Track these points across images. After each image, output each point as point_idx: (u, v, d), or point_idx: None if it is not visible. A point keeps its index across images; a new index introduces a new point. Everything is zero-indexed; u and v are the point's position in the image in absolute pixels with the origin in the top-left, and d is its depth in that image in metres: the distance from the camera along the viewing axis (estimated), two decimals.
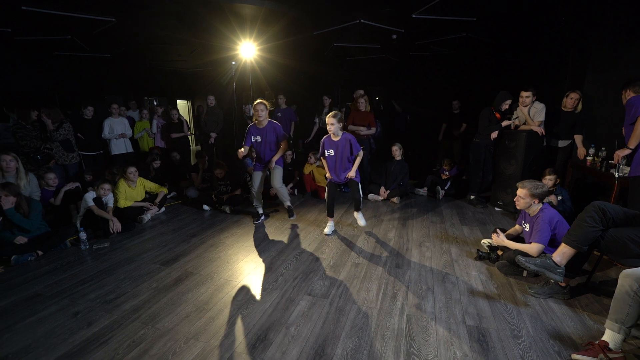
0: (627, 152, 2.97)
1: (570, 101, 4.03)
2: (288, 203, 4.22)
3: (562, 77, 4.76)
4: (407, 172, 5.11)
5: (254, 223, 4.08)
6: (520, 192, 2.69)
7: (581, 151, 4.05)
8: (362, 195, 3.71)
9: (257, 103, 3.71)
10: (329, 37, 5.69)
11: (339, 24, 5.02)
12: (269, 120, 3.82)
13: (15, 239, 3.15)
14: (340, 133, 3.56)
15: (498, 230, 2.93)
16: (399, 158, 5.15)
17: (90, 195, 3.76)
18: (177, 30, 5.17)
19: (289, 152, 5.61)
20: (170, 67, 8.81)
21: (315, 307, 2.33)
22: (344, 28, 5.14)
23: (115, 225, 3.76)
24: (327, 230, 3.76)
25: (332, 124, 3.47)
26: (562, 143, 4.24)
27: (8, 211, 3.13)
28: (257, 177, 3.96)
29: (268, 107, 3.78)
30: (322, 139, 3.68)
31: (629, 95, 3.00)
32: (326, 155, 3.63)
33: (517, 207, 2.77)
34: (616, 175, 3.12)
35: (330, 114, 3.50)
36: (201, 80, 9.72)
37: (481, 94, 6.05)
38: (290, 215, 4.24)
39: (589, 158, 3.81)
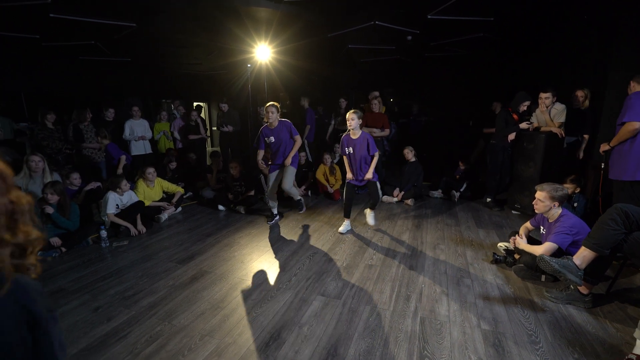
0: (607, 148, 3.05)
1: (576, 99, 4.12)
2: (298, 197, 4.20)
3: (583, 76, 4.61)
4: (421, 173, 5.06)
5: (268, 224, 4.13)
6: (539, 194, 2.61)
7: (581, 153, 4.14)
8: (380, 197, 3.74)
9: (269, 105, 3.82)
10: (344, 39, 5.71)
11: (353, 25, 5.03)
12: (280, 120, 3.90)
13: (51, 239, 3.30)
14: (359, 131, 3.61)
15: (522, 235, 2.86)
16: (412, 160, 5.11)
17: (112, 199, 3.82)
18: (194, 34, 5.30)
19: (303, 154, 5.65)
20: (187, 70, 9.02)
21: (328, 307, 2.34)
22: (359, 30, 5.15)
23: (140, 228, 3.87)
24: (341, 228, 3.81)
25: (352, 119, 3.51)
26: (568, 139, 4.28)
27: (53, 215, 3.32)
28: (272, 178, 4.04)
29: (279, 110, 3.89)
30: (342, 137, 3.72)
31: (634, 87, 2.95)
32: (346, 153, 3.69)
33: (536, 211, 2.68)
34: (602, 166, 3.22)
35: (351, 110, 3.56)
36: (217, 83, 9.90)
37: (498, 95, 5.93)
38: (300, 209, 4.23)
39: None
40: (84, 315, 2.29)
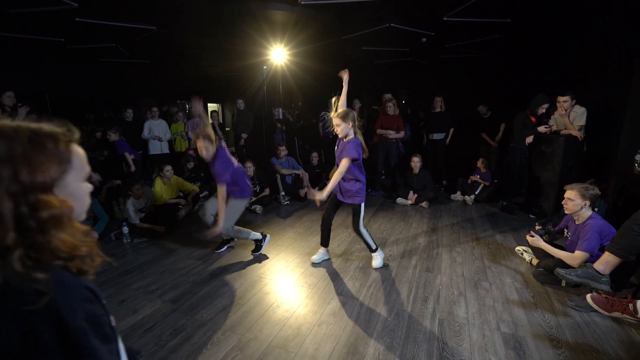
0: None
1: (436, 103, 5.78)
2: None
3: (604, 77, 4.52)
4: (430, 179, 5.00)
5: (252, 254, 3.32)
6: (569, 194, 2.56)
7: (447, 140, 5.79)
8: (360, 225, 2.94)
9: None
10: (358, 41, 5.74)
11: (368, 28, 5.05)
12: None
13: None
14: (351, 134, 2.75)
15: (532, 232, 2.84)
16: (416, 171, 5.02)
17: (132, 210, 3.77)
18: (212, 36, 5.40)
19: (315, 154, 5.68)
20: (203, 71, 9.17)
21: (346, 306, 2.36)
22: (373, 32, 5.17)
23: (159, 228, 3.88)
24: (315, 257, 3.09)
25: (337, 125, 2.71)
26: (438, 136, 5.71)
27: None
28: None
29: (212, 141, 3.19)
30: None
31: None
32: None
33: (566, 212, 2.65)
34: None
35: (336, 113, 2.76)
36: (232, 85, 10.03)
37: (516, 97, 5.86)
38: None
39: None
40: (109, 307, 2.33)
